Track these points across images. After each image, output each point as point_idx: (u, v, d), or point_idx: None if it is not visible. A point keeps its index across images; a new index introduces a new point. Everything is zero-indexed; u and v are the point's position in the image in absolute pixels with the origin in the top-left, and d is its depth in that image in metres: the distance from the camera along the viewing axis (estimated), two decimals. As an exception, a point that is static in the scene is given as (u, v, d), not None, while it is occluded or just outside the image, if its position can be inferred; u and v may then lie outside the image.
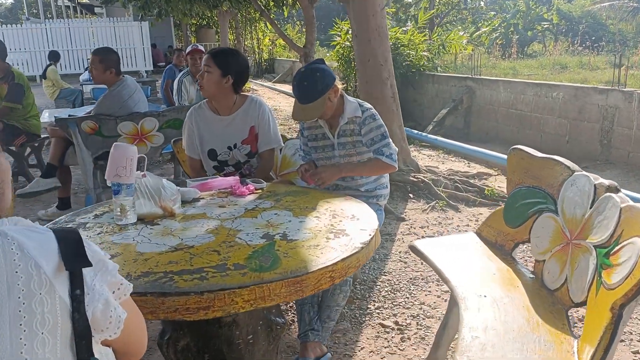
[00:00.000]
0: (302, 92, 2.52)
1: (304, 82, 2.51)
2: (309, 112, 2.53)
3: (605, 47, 17.35)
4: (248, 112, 2.78)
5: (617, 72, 6.38)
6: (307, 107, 2.52)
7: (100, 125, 4.35)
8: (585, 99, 6.38)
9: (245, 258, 1.63)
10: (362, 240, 1.76)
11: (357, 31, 4.84)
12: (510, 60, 14.70)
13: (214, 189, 2.37)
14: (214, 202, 2.23)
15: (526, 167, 2.35)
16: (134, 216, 1.96)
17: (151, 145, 4.61)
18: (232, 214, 2.05)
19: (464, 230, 4.08)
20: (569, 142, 6.65)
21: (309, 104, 2.51)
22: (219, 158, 2.79)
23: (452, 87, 9.02)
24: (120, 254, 1.69)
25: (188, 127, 2.82)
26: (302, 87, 2.51)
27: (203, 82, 2.65)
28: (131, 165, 1.91)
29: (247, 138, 2.78)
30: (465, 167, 6.21)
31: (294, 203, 2.18)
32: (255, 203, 2.20)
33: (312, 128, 2.77)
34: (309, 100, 2.51)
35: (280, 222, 1.94)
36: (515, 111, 7.56)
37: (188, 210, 2.11)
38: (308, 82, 2.50)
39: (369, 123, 2.64)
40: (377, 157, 2.64)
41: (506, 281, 2.10)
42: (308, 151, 2.84)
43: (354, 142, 2.69)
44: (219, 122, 2.77)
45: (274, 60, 22.25)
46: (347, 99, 2.69)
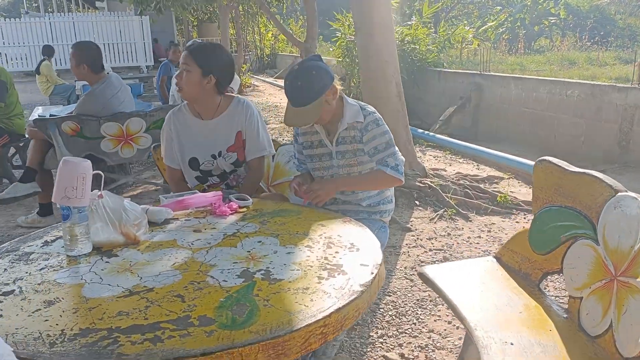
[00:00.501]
0: (295, 93, 2.18)
1: (298, 81, 2.17)
2: (304, 116, 2.19)
3: (614, 43, 16.93)
4: (234, 115, 2.45)
5: (632, 69, 5.99)
6: (301, 110, 2.18)
7: (82, 127, 4.02)
8: (603, 97, 6.01)
9: (215, 307, 1.29)
10: (362, 281, 1.43)
11: (359, 25, 4.49)
12: (517, 56, 14.31)
13: (190, 208, 2.03)
14: (189, 224, 1.89)
15: (557, 183, 2.00)
16: (87, 245, 1.63)
17: (138, 147, 4.29)
18: (207, 242, 1.71)
19: (475, 242, 3.73)
20: (585, 144, 6.28)
21: (303, 107, 2.17)
22: (201, 168, 2.46)
23: (459, 84, 8.65)
24: (60, 300, 1.35)
25: (166, 133, 2.48)
26: (296, 87, 2.17)
27: (182, 82, 2.31)
28: (84, 184, 1.58)
29: (234, 145, 2.45)
30: (474, 169, 5.86)
31: (282, 227, 1.84)
32: (237, 227, 1.86)
33: (308, 134, 2.43)
34: (303, 102, 2.17)
35: (264, 254, 1.60)
36: (527, 110, 7.19)
37: (156, 236, 1.78)
38: (302, 82, 2.16)
39: (372, 129, 2.30)
40: (380, 168, 2.31)
41: (536, 322, 1.76)
42: (303, 160, 2.51)
43: (354, 150, 2.35)
44: (202, 127, 2.43)
45: (276, 56, 21.89)
46: (347, 101, 2.35)
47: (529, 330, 1.71)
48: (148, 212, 1.88)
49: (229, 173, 2.50)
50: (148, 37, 18.24)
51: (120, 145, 4.21)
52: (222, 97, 2.45)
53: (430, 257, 3.51)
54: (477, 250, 3.59)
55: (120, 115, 4.07)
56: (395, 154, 2.32)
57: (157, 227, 1.86)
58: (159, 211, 1.90)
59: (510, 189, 4.93)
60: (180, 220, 1.94)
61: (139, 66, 17.45)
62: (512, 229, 3.96)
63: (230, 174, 2.50)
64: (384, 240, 2.43)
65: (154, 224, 1.88)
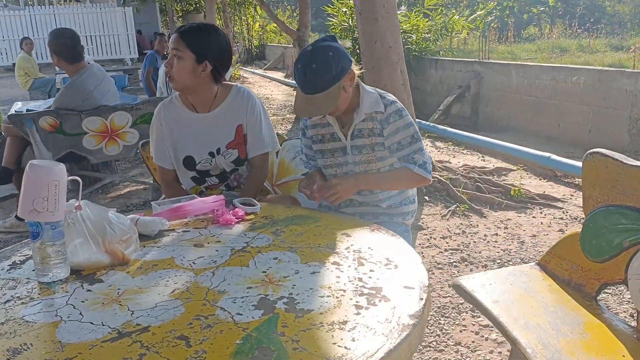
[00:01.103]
0: (309, 78, 1.86)
1: (312, 64, 1.85)
2: (319, 105, 1.88)
3: (603, 30, 16.80)
4: (233, 106, 2.14)
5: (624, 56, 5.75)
6: (316, 98, 1.87)
7: (62, 122, 3.69)
8: (611, 83, 5.76)
9: (231, 354, 1.00)
10: (411, 310, 1.14)
11: (361, 8, 4.17)
12: (507, 44, 14.11)
13: (188, 216, 1.72)
14: (188, 237, 1.59)
15: (614, 179, 1.72)
16: (64, 268, 1.32)
17: (124, 143, 3.97)
18: (212, 260, 1.41)
19: (493, 240, 3.46)
20: (592, 132, 6.04)
21: (318, 94, 1.87)
22: (198, 167, 2.15)
23: (457, 73, 8.37)
24: (29, 348, 1.05)
25: (156, 128, 2.16)
26: (310, 71, 1.86)
27: (173, 71, 1.99)
28: (57, 194, 1.27)
29: (234, 140, 2.14)
30: (479, 161, 5.59)
31: (300, 238, 1.54)
32: (246, 239, 1.55)
33: (318, 126, 2.13)
34: (318, 89, 1.86)
35: (284, 275, 1.30)
36: (529, 98, 6.94)
37: (149, 253, 1.47)
38: (318, 65, 1.85)
39: (395, 121, 2.01)
40: (406, 166, 2.02)
41: (604, 346, 1.48)
42: (312, 156, 2.20)
43: (372, 144, 2.05)
44: (197, 122, 2.12)
45: (265, 47, 21.48)
46: (364, 88, 2.05)
47: (598, 356, 1.44)
48: (138, 223, 1.57)
49: (229, 172, 2.19)
50: (132, 29, 17.77)
51: (104, 142, 3.88)
52: (219, 86, 2.14)
53: (447, 258, 3.24)
54: (497, 249, 3.32)
55: (103, 109, 3.74)
56: (422, 149, 2.04)
57: (149, 242, 1.55)
58: (151, 222, 1.59)
59: (521, 181, 4.67)
60: (177, 232, 1.63)
61: (123, 59, 16.98)
62: (530, 224, 3.70)
63: (230, 174, 2.19)
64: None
65: (146, 237, 1.58)
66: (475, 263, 3.15)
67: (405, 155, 2.01)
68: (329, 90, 1.85)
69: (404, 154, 2.01)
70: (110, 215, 1.39)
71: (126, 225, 1.41)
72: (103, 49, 17.21)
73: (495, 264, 3.12)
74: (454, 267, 3.13)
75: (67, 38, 3.65)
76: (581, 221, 3.77)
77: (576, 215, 3.81)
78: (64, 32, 3.74)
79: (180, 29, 2.02)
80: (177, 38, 1.99)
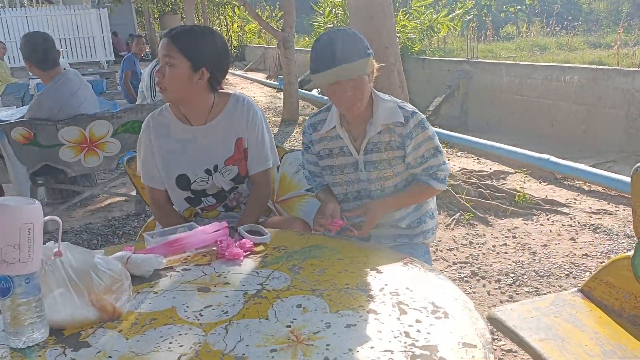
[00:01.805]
0: (337, 48, 1.66)
1: (339, 36, 1.68)
2: (348, 70, 1.65)
3: (580, 27, 16.92)
4: (232, 118, 1.89)
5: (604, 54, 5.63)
6: (344, 67, 1.65)
7: (36, 133, 3.39)
8: (607, 82, 5.63)
9: None
10: (480, 379, 0.91)
11: (355, 7, 3.95)
12: (485, 43, 14.07)
13: (188, 250, 1.48)
14: (190, 278, 1.34)
15: (670, 197, 1.53)
16: (41, 330, 1.07)
17: (104, 154, 3.68)
18: (222, 311, 1.17)
19: (503, 251, 3.27)
20: (587, 132, 5.91)
21: (345, 65, 1.65)
22: (193, 187, 1.90)
23: (445, 72, 8.21)
24: None
25: (144, 145, 1.90)
26: (338, 42, 1.67)
27: (165, 81, 1.74)
28: (30, 240, 1.02)
29: (233, 156, 1.90)
30: (475, 163, 5.41)
31: (323, 276, 1.31)
32: (259, 279, 1.31)
33: (326, 140, 1.89)
34: (346, 58, 1.65)
35: (313, 331, 1.07)
36: (520, 97, 6.79)
37: (144, 302, 1.22)
38: (345, 38, 1.68)
39: (418, 135, 1.80)
40: (427, 182, 1.81)
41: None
42: (318, 172, 1.97)
43: (389, 159, 1.83)
44: (191, 136, 1.87)
45: (245, 47, 21.15)
46: (378, 96, 1.83)
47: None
48: (130, 263, 1.32)
49: (227, 192, 1.94)
50: (107, 31, 17.31)
51: (82, 153, 3.59)
52: (215, 95, 1.89)
53: (456, 272, 3.03)
54: (508, 261, 3.13)
55: (81, 118, 3.45)
56: (445, 163, 1.84)
57: (144, 285, 1.31)
58: (145, 260, 1.34)
59: (520, 184, 4.50)
60: (177, 271, 1.39)
61: (99, 61, 16.52)
62: (539, 233, 3.51)
63: (229, 193, 1.95)
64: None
65: (140, 279, 1.33)
66: (487, 277, 2.95)
67: (427, 169, 1.81)
68: (361, 61, 1.66)
69: (426, 167, 1.81)
70: (96, 260, 1.14)
71: (116, 270, 1.17)
72: (78, 52, 16.73)
73: (508, 277, 2.93)
74: (465, 282, 2.93)
75: (41, 43, 3.37)
76: (590, 228, 3.63)
77: (585, 222, 3.64)
78: (37, 37, 3.45)
79: (171, 33, 1.77)
80: (169, 43, 1.73)
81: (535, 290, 2.77)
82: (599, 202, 4.07)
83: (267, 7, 23.14)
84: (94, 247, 3.67)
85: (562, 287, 2.81)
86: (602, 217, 3.74)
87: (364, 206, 1.82)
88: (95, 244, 3.73)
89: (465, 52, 11.89)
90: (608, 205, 3.97)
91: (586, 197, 4.20)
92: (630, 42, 10.21)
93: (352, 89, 1.68)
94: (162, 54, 1.74)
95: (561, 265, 3.04)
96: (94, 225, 4.07)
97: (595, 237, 3.42)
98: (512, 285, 2.84)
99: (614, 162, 5.18)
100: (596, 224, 3.60)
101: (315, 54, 1.71)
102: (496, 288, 2.84)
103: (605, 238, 3.39)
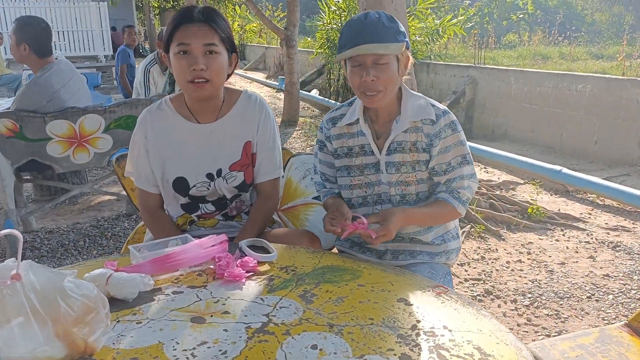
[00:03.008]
0: (370, 23, 1.48)
1: (373, 15, 1.51)
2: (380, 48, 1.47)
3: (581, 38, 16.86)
4: (243, 118, 1.67)
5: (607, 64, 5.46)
6: (376, 46, 1.47)
7: (22, 126, 3.16)
8: (621, 93, 5.44)
9: None
10: None
11: (366, 4, 3.74)
12: (487, 50, 13.96)
13: (181, 268, 1.26)
14: (181, 304, 1.12)
15: None
16: (-8, 373, 0.85)
17: (95, 150, 3.45)
18: (220, 350, 0.94)
19: (518, 268, 3.05)
20: (598, 143, 5.72)
21: (378, 43, 1.47)
22: (191, 192, 1.67)
23: (450, 78, 8.01)
24: None
25: (138, 142, 1.67)
26: (371, 18, 1.50)
27: (209, 73, 1.52)
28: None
29: (239, 161, 1.67)
30: (482, 172, 5.22)
31: (341, 307, 1.09)
32: (264, 308, 1.09)
33: (346, 136, 1.68)
34: (380, 36, 1.47)
35: (334, 383, 0.86)
36: (529, 106, 6.60)
37: (125, 335, 1.00)
38: (381, 16, 1.50)
39: (447, 137, 1.59)
40: (447, 200, 1.60)
41: None
42: (331, 176, 1.75)
43: (413, 162, 1.62)
44: (195, 135, 1.65)
45: (245, 46, 20.93)
46: (407, 91, 1.63)
47: None
48: (110, 283, 1.10)
49: (229, 199, 1.72)
50: (106, 25, 17.10)
51: (72, 149, 3.36)
52: (225, 89, 1.68)
53: (469, 289, 2.82)
54: (524, 279, 2.92)
55: (71, 112, 3.22)
56: (472, 178, 1.63)
57: (125, 312, 1.08)
58: (129, 282, 1.12)
59: (531, 196, 4.29)
60: (166, 293, 1.17)
61: (97, 55, 16.28)
62: (555, 249, 3.31)
63: (231, 201, 1.73)
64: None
65: (121, 303, 1.11)
66: (502, 297, 2.74)
67: (450, 181, 1.60)
68: (390, 45, 1.48)
69: (450, 179, 1.60)
70: (66, 283, 0.92)
71: (91, 296, 0.94)
72: (76, 45, 16.50)
73: (525, 298, 2.72)
74: (478, 301, 2.71)
75: (41, 27, 3.15)
76: (609, 245, 3.42)
77: (603, 239, 3.44)
78: (37, 21, 3.22)
79: (204, 15, 1.51)
80: (210, 29, 1.51)
81: (555, 314, 2.56)
82: (614, 217, 3.87)
83: (269, 6, 22.95)
84: (80, 249, 3.45)
85: (584, 310, 2.60)
86: (621, 234, 3.54)
87: (382, 214, 1.58)
88: (82, 245, 3.51)
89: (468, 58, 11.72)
90: (625, 222, 3.77)
91: (601, 211, 4.00)
92: (634, 54, 10.08)
93: (375, 69, 1.48)
94: (204, 42, 1.50)
95: (581, 286, 2.84)
96: (82, 225, 3.85)
97: (615, 255, 3.21)
98: (530, 307, 2.63)
99: (628, 175, 4.99)
100: (615, 241, 3.40)
101: (344, 30, 1.54)
102: (512, 309, 2.63)
103: (626, 257, 3.18)
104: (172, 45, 1.54)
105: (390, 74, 1.50)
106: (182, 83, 1.55)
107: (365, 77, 1.49)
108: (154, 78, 4.63)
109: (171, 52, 1.55)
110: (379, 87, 1.51)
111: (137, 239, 2.00)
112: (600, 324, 2.49)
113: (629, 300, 2.68)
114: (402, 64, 1.53)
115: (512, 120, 6.90)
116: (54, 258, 3.32)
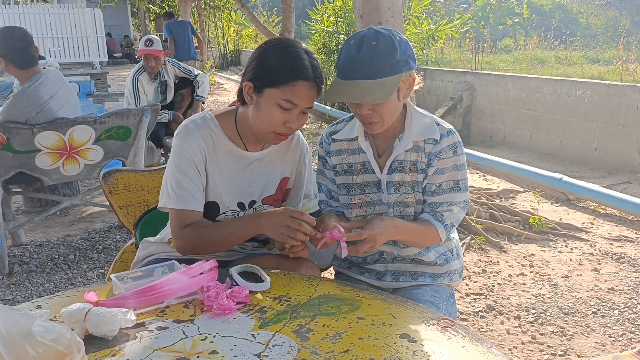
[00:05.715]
0: (365, 55, 1.35)
1: (373, 41, 1.35)
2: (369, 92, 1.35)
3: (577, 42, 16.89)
4: (285, 152, 1.59)
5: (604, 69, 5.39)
6: (363, 85, 1.35)
7: (10, 137, 3.07)
8: (621, 99, 5.38)
9: None
10: None
11: (362, 11, 3.66)
12: (483, 55, 13.95)
13: (166, 300, 1.17)
14: (165, 342, 1.03)
15: None
16: None
17: (85, 162, 3.37)
18: (206, 399, 0.86)
19: (520, 282, 2.97)
20: (598, 150, 5.65)
21: (369, 81, 1.35)
22: (218, 218, 1.54)
23: (447, 83, 7.94)
24: None
25: (188, 159, 1.46)
26: (368, 48, 1.35)
27: (383, 112, 1.43)
28: None
29: (273, 195, 1.58)
30: (481, 180, 5.14)
31: (339, 344, 1.01)
32: (257, 347, 1.00)
33: (346, 153, 1.59)
34: (373, 72, 1.35)
35: None
36: (527, 112, 6.53)
37: (103, 380, 0.92)
38: (380, 44, 1.35)
39: (446, 158, 1.50)
40: (432, 222, 1.51)
41: None
42: (333, 192, 1.66)
43: (413, 183, 1.54)
44: (240, 162, 1.53)
45: (240, 52, 20.87)
46: (413, 108, 1.54)
47: None
48: (88, 319, 1.01)
49: None
50: (101, 31, 17.03)
51: (61, 161, 3.27)
52: None
53: (470, 305, 2.74)
54: (527, 294, 2.83)
55: (60, 123, 3.13)
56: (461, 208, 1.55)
57: (103, 352, 0.99)
58: (109, 317, 1.03)
59: (532, 205, 4.22)
60: (149, 329, 1.08)
61: (92, 62, 16.19)
62: (558, 261, 3.22)
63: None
64: (453, 317, 1.64)
65: (100, 341, 1.02)
66: (505, 313, 2.66)
67: (437, 205, 1.52)
68: (386, 80, 1.35)
69: (438, 203, 1.51)
70: (35, 327, 0.83)
71: (63, 341, 0.86)
72: (71, 52, 16.42)
73: (529, 314, 2.63)
74: (480, 317, 2.63)
75: (18, 39, 3.06)
76: (613, 257, 3.33)
77: (607, 250, 3.36)
78: (14, 32, 3.15)
79: (312, 71, 1.39)
80: (317, 90, 1.42)
81: (560, 331, 2.48)
82: (617, 227, 3.80)
83: (264, 12, 22.92)
84: (70, 263, 3.35)
85: (589, 327, 2.52)
86: (624, 245, 3.46)
87: (367, 219, 1.46)
88: (72, 259, 3.41)
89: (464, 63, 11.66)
90: (628, 232, 3.70)
91: (603, 221, 3.93)
92: (631, 58, 10.04)
93: (368, 109, 1.40)
94: (308, 105, 1.41)
95: (586, 300, 2.75)
96: (73, 238, 3.75)
97: (619, 268, 3.13)
98: (534, 323, 2.55)
99: (629, 183, 4.92)
100: (618, 252, 3.32)
101: (341, 52, 1.42)
102: (516, 326, 2.54)
103: (630, 270, 3.10)
104: (275, 90, 1.38)
105: (387, 106, 1.40)
106: (267, 129, 1.42)
107: (359, 110, 1.41)
108: (143, 87, 4.56)
109: (269, 95, 1.39)
110: (376, 119, 1.42)
111: (125, 258, 1.90)
112: (606, 341, 2.41)
113: (635, 316, 2.60)
114: (404, 88, 1.43)
115: (510, 127, 6.84)
116: (42, 273, 3.23)
